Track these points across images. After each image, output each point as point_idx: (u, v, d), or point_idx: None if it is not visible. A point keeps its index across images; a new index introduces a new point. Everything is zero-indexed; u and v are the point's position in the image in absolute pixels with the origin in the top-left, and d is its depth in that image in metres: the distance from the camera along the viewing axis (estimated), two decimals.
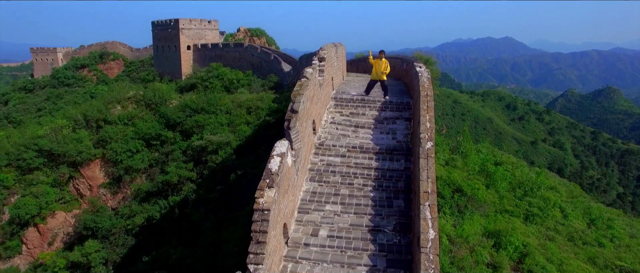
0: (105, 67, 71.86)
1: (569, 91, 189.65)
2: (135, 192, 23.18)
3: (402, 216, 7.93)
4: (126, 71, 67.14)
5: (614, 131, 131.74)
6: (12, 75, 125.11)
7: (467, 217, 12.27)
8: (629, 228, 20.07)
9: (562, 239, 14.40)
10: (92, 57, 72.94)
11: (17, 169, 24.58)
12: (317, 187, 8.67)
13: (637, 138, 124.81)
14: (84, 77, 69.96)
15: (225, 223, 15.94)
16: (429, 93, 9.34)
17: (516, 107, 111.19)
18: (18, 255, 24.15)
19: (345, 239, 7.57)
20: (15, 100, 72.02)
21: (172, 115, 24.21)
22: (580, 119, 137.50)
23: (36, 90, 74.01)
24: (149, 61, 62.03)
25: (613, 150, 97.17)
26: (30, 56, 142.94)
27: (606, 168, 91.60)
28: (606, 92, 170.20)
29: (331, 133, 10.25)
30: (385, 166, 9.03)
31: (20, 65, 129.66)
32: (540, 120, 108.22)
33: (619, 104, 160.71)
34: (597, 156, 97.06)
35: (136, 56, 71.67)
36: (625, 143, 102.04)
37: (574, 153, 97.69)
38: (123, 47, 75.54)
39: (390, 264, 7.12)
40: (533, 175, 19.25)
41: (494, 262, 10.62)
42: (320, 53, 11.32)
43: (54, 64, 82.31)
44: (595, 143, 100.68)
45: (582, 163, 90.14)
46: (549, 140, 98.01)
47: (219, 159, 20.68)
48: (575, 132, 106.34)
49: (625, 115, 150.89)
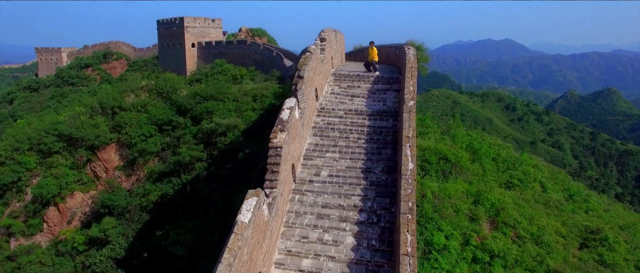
0: (109, 67, 73.07)
1: (569, 93, 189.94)
2: (149, 173, 24.89)
3: (389, 161, 9.65)
4: (129, 71, 67.81)
5: (614, 132, 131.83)
6: (14, 76, 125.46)
7: (451, 180, 13.97)
8: (606, 205, 21.70)
9: (539, 205, 16.01)
10: (96, 57, 74.31)
11: (39, 153, 26.32)
12: (319, 140, 10.39)
13: (637, 139, 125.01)
14: (88, 76, 71.13)
15: (235, 195, 17.60)
16: (413, 65, 11.06)
17: (515, 108, 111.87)
18: (39, 233, 25.85)
19: (342, 177, 9.30)
20: (21, 99, 73.37)
21: (183, 102, 25.98)
22: (580, 120, 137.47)
23: (41, 89, 75.30)
24: (152, 60, 63.37)
25: (612, 151, 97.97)
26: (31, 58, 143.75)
27: (605, 169, 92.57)
28: (606, 94, 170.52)
29: (331, 100, 11.98)
30: (376, 124, 10.75)
31: (22, 66, 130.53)
32: (540, 121, 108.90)
33: (618, 105, 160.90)
34: (596, 157, 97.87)
35: (139, 56, 73.04)
36: (624, 144, 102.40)
37: (573, 153, 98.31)
38: (126, 47, 76.93)
39: (378, 194, 8.85)
40: (517, 154, 20.95)
41: (472, 214, 12.34)
42: (321, 34, 13.07)
43: (58, 63, 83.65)
44: (594, 143, 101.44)
45: (581, 164, 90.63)
46: (548, 141, 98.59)
47: (227, 141, 22.39)
48: (575, 133, 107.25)
49: (624, 116, 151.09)
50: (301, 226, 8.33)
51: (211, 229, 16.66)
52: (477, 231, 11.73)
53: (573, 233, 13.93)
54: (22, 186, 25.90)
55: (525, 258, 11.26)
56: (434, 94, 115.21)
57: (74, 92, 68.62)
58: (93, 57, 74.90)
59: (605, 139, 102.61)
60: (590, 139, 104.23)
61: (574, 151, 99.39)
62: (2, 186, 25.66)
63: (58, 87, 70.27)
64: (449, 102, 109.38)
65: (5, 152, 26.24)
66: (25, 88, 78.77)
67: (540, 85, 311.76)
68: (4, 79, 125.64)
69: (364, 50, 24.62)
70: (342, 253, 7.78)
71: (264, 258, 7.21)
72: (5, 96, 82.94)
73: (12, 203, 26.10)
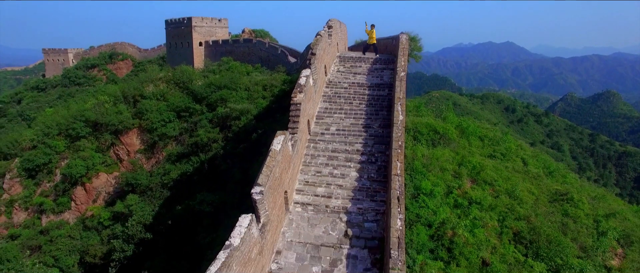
0: (115, 67, 74.41)
1: (569, 95, 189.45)
2: (168, 156, 27.22)
3: (384, 120, 12.03)
4: (134, 71, 68.73)
5: (613, 135, 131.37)
6: (16, 78, 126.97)
7: (440, 148, 16.31)
8: (583, 181, 23.96)
9: (517, 174, 18.30)
10: (102, 58, 75.69)
11: (67, 138, 28.73)
12: (329, 105, 12.78)
13: (636, 141, 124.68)
14: (94, 76, 72.50)
15: (250, 168, 19.90)
16: (405, 46, 13.46)
17: (515, 109, 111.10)
18: (68, 210, 28.20)
19: (347, 131, 11.70)
20: (28, 99, 74.84)
21: (199, 91, 28.36)
22: (580, 122, 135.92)
23: (48, 89, 76.87)
24: (157, 60, 65.01)
25: (611, 152, 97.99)
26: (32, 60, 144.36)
27: (604, 170, 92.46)
28: (606, 96, 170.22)
29: (337, 76, 14.38)
30: (374, 93, 13.14)
31: (24, 69, 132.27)
32: (539, 123, 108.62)
33: (618, 107, 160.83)
34: (595, 158, 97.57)
35: (144, 56, 74.19)
36: (623, 145, 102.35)
37: (572, 154, 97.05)
38: (131, 48, 78.29)
39: (376, 142, 11.23)
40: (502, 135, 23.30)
41: (455, 173, 14.68)
42: (329, 23, 15.48)
43: (64, 64, 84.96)
44: (593, 145, 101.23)
45: (579, 165, 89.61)
46: (548, 142, 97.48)
47: (241, 124, 24.70)
48: (574, 134, 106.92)
49: (624, 119, 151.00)
50: (316, 165, 10.71)
51: (231, 194, 18.97)
52: (459, 186, 14.05)
53: (544, 194, 16.26)
54: (52, 167, 28.29)
55: (499, 205, 13.57)
56: (434, 95, 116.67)
57: (81, 92, 70.15)
58: (99, 58, 76.30)
59: (604, 140, 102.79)
60: (589, 141, 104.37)
61: (573, 153, 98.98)
62: (35, 168, 28.07)
63: (65, 87, 71.81)
64: (449, 104, 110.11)
65: (37, 137, 28.68)
66: (32, 88, 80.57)
67: (540, 88, 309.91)
68: (7, 82, 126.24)
69: (363, 43, 27.05)
70: (347, 183, 10.15)
71: (288, 182, 9.59)
72: (14, 96, 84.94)
73: (43, 183, 28.49)
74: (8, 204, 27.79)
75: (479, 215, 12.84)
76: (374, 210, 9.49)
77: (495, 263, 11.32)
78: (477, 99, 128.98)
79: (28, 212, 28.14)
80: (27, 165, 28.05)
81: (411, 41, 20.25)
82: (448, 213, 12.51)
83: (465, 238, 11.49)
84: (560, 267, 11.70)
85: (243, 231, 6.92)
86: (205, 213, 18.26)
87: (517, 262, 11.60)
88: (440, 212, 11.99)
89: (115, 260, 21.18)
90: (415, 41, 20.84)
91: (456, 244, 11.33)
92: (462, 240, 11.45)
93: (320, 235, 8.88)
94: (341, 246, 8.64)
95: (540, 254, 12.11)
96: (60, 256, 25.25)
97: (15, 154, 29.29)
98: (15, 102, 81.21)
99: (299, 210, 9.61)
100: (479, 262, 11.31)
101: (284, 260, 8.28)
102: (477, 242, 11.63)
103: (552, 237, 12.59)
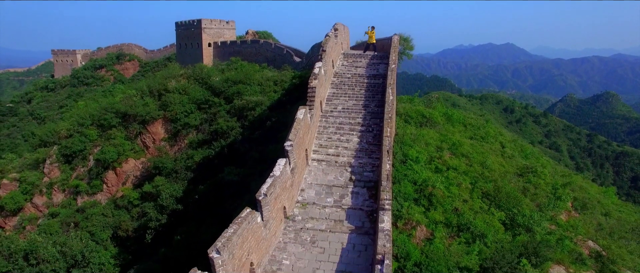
0: (122, 68, 77.26)
1: (568, 96, 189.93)
2: (189, 143, 30.64)
3: (379, 101, 15.49)
4: (141, 71, 71.59)
5: (612, 135, 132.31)
6: (18, 80, 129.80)
7: (426, 129, 19.72)
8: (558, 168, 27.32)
9: (494, 153, 21.66)
10: (109, 58, 78.54)
11: (99, 127, 32.23)
12: (336, 90, 16.25)
13: (634, 141, 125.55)
14: (102, 76, 75.48)
15: (267, 149, 23.29)
16: (396, 44, 16.93)
17: (513, 110, 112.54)
18: (100, 192, 31.65)
19: (350, 109, 15.16)
20: (39, 98, 78.32)
21: (217, 85, 31.80)
22: (579, 123, 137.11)
23: (57, 89, 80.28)
24: (162, 61, 67.57)
25: (608, 152, 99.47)
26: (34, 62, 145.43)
27: (601, 170, 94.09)
28: (605, 97, 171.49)
29: (342, 69, 17.86)
30: (371, 82, 16.60)
31: (27, 70, 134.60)
32: (537, 123, 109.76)
33: (617, 108, 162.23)
34: (593, 158, 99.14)
35: (150, 57, 76.68)
36: (620, 146, 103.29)
37: (570, 154, 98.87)
38: (138, 49, 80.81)
39: (372, 117, 14.70)
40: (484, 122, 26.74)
41: (438, 147, 18.06)
42: (335, 26, 18.96)
43: (73, 65, 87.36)
44: (591, 145, 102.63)
45: (577, 165, 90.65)
46: (546, 142, 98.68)
47: (256, 114, 28.09)
48: (572, 135, 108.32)
49: (623, 120, 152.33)
50: (327, 133, 14.17)
51: (251, 169, 22.36)
52: (440, 157, 17.44)
53: (513, 168, 19.67)
54: (86, 154, 31.80)
55: (472, 171, 16.94)
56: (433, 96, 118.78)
57: (89, 92, 72.27)
58: (107, 59, 79.25)
59: (601, 141, 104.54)
60: (587, 141, 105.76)
61: (571, 153, 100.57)
62: (71, 154, 31.59)
63: (74, 87, 74.94)
64: (448, 104, 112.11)
65: (73, 127, 32.22)
66: (42, 88, 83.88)
67: (540, 89, 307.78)
68: (10, 83, 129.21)
69: (364, 43, 30.60)
70: (351, 146, 13.60)
71: (308, 143, 13.05)
72: (24, 96, 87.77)
73: (78, 168, 31.99)
74: (48, 186, 31.29)
75: (454, 177, 16.23)
76: (370, 164, 12.92)
77: (465, 210, 14.66)
78: (476, 99, 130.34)
79: (65, 193, 31.63)
80: (64, 152, 31.57)
81: (404, 41, 23.73)
82: (430, 174, 15.87)
83: (442, 192, 14.85)
84: (515, 214, 15.06)
85: (281, 168, 10.38)
86: (231, 183, 21.65)
87: (482, 210, 14.96)
88: (423, 173, 15.36)
89: (151, 228, 24.60)
90: (408, 41, 24.23)
91: (435, 196, 14.67)
92: (440, 193, 14.80)
93: (332, 179, 12.32)
94: (347, 186, 12.07)
95: (501, 206, 15.47)
96: (95, 231, 28.65)
97: (53, 142, 32.82)
98: (25, 102, 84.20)
99: (315, 165, 13.06)
100: (452, 209, 14.65)
101: (306, 194, 11.72)
102: (452, 195, 14.98)
103: (512, 195, 15.96)
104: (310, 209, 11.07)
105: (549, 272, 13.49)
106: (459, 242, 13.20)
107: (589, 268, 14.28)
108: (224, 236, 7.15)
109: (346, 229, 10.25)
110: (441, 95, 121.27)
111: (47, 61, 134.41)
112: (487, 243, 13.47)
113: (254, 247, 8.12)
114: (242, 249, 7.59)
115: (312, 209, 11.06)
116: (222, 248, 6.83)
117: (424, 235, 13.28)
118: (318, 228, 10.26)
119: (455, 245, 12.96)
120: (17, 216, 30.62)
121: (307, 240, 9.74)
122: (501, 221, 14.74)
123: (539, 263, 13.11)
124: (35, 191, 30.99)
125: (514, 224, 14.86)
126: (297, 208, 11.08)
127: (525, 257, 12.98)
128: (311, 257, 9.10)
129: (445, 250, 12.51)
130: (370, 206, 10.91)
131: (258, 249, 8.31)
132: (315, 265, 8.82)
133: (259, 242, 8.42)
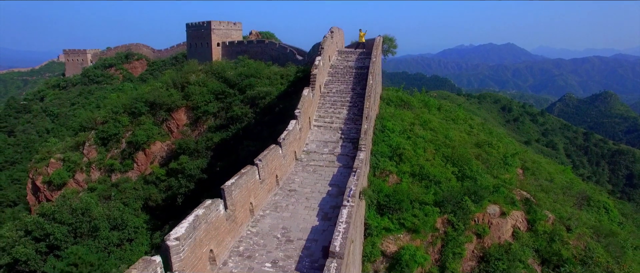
0: (130, 67, 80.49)
1: (567, 96, 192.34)
2: (209, 127, 35.77)
3: (363, 86, 20.62)
4: (149, 70, 74.89)
5: (610, 134, 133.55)
6: (23, 79, 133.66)
7: (403, 110, 24.81)
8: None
9: (462, 132, 26.67)
10: (119, 58, 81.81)
11: (130, 115, 37.49)
12: (331, 78, 21.45)
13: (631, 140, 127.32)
14: (112, 75, 78.83)
15: (276, 129, 28.46)
16: (378, 44, 22.10)
17: (511, 109, 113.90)
18: (131, 170, 36.88)
19: (342, 92, 20.37)
20: (51, 96, 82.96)
21: (232, 78, 36.98)
22: (577, 123, 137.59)
23: (69, 87, 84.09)
24: (170, 60, 70.85)
25: (604, 150, 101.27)
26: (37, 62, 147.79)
27: (597, 167, 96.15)
28: (603, 97, 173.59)
29: (336, 62, 23.05)
30: (359, 72, 21.77)
31: (31, 70, 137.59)
32: (535, 122, 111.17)
33: (615, 108, 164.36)
34: (589, 156, 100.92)
35: (158, 57, 79.87)
36: (616, 144, 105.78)
37: (566, 152, 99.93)
38: (146, 49, 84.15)
39: (358, 97, 19.90)
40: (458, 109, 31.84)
41: (411, 123, 23.12)
42: (331, 29, 24.16)
43: (83, 64, 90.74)
44: (587, 143, 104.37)
45: (573, 162, 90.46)
46: (543, 140, 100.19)
47: (266, 102, 33.21)
48: (568, 133, 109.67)
49: (620, 119, 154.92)
50: (324, 108, 19.35)
51: (264, 143, 27.52)
52: (412, 129, 22.54)
53: (473, 141, 24.74)
54: (120, 137, 37.04)
55: (436, 140, 21.98)
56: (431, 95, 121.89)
57: (99, 90, 76.02)
58: (116, 58, 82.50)
59: (598, 139, 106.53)
60: (583, 140, 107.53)
61: (567, 151, 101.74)
62: (107, 138, 36.85)
63: (85, 86, 78.79)
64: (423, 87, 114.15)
65: (108, 114, 37.52)
66: (54, 86, 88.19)
67: (541, 89, 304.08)
68: (14, 83, 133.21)
69: (356, 42, 35.93)
70: (342, 116, 18.78)
71: (311, 113, 18.21)
72: (36, 94, 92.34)
73: (112, 150, 37.23)
74: (87, 165, 36.54)
75: (421, 143, 21.30)
76: (355, 128, 18.06)
77: (427, 166, 19.71)
78: (474, 99, 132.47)
79: (101, 171, 36.87)
80: (101, 135, 36.83)
81: (389, 41, 28.96)
82: (402, 140, 20.95)
83: (411, 153, 19.92)
84: (465, 170, 20.09)
85: (293, 125, 15.53)
86: (248, 156, 26.78)
87: (440, 166, 20.01)
88: (396, 139, 20.43)
89: (181, 193, 29.80)
90: (392, 41, 29.34)
91: (405, 155, 19.72)
92: (409, 153, 19.87)
93: (328, 138, 17.47)
94: (338, 142, 17.22)
95: (455, 163, 20.52)
96: (129, 201, 33.83)
97: (91, 127, 38.09)
98: (38, 99, 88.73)
99: (316, 129, 18.22)
100: (418, 165, 19.69)
101: (309, 147, 16.88)
102: (417, 155, 20.05)
103: (466, 156, 21.01)
104: (312, 155, 16.23)
105: (486, 209, 18.59)
106: (420, 186, 18.29)
107: (518, 209, 19.31)
108: (263, 154, 12.32)
109: (336, 165, 15.40)
110: (440, 94, 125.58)
111: (51, 61, 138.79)
112: (442, 187, 18.52)
113: (277, 167, 13.30)
114: (271, 165, 12.77)
115: (314, 155, 16.22)
116: (262, 158, 12.00)
117: (395, 180, 18.41)
118: (317, 165, 15.41)
119: (417, 187, 18.06)
120: (61, 190, 35.86)
121: (311, 170, 14.89)
122: (454, 174, 19.82)
123: (478, 200, 18.16)
124: (77, 169, 36.25)
125: (464, 176, 19.91)
126: (303, 154, 16.24)
127: (467, 196, 18.01)
128: (313, 178, 14.24)
129: (409, 190, 17.60)
130: (353, 153, 16.03)
131: (280, 169, 13.49)
132: (315, 181, 13.95)
133: (281, 165, 13.60)
